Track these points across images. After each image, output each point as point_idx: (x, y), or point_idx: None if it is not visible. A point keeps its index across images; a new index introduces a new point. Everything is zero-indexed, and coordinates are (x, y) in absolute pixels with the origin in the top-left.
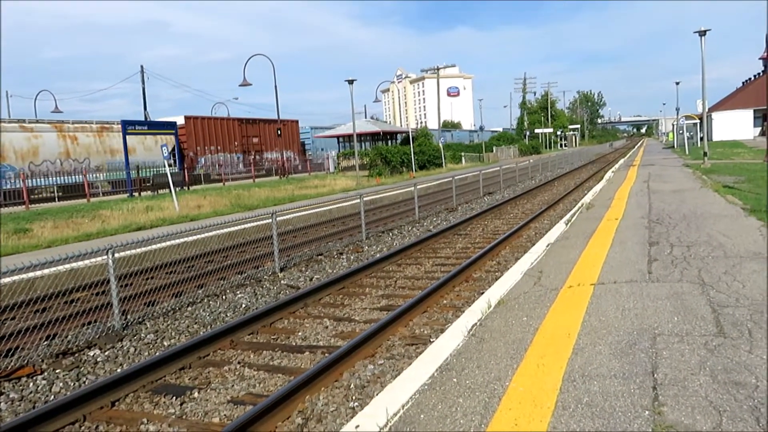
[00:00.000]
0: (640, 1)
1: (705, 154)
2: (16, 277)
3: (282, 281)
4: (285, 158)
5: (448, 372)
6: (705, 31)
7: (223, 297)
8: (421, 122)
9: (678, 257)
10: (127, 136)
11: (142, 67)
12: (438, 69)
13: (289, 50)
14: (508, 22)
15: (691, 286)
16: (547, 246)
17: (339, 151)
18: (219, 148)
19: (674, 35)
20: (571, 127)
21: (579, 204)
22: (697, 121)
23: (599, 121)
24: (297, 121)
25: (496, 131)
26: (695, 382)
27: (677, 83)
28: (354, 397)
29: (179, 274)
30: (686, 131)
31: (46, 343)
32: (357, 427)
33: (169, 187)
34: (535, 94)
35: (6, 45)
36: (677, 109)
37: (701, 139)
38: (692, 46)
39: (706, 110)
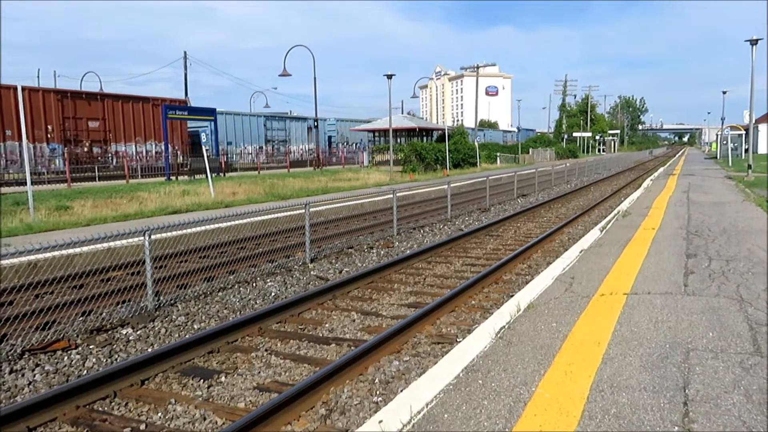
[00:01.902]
0: (688, 5)
1: (749, 166)
2: (56, 253)
3: (312, 272)
4: (145, 153)
5: (474, 373)
6: (757, 41)
7: (254, 284)
8: (458, 120)
9: (716, 271)
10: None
11: (185, 53)
12: (478, 67)
13: (327, 40)
14: (550, 23)
15: (728, 302)
16: (581, 252)
17: (373, 145)
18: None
19: (721, 42)
20: (610, 132)
21: (615, 211)
22: (743, 132)
23: (640, 127)
24: (184, 101)
25: (531, 130)
26: (728, 401)
27: (724, 92)
28: (378, 392)
29: (212, 259)
30: (730, 142)
31: (81, 318)
32: (380, 422)
33: (206, 173)
34: (575, 96)
35: (54, 24)
36: (722, 119)
37: (746, 150)
38: (739, 55)
39: (753, 121)
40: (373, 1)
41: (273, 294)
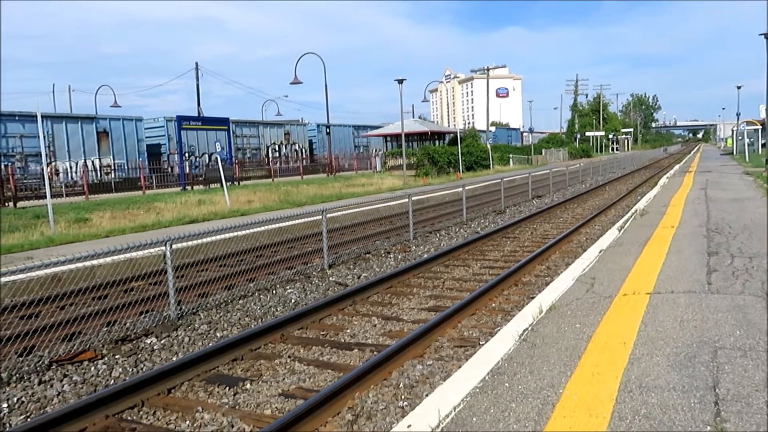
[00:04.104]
0: (698, 3)
1: (767, 161)
2: (79, 265)
3: (330, 278)
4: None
5: (500, 376)
6: None
7: (273, 291)
8: (469, 123)
9: (739, 268)
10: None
11: (197, 64)
12: (488, 69)
13: (337, 47)
14: (560, 23)
15: (754, 299)
16: (600, 252)
17: (385, 149)
18: None
19: (733, 37)
20: (623, 130)
21: (632, 210)
22: (759, 127)
23: (653, 125)
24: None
25: (542, 133)
26: (760, 399)
27: (739, 87)
28: (403, 397)
29: (230, 267)
30: (747, 137)
31: (105, 329)
32: (409, 426)
33: (221, 182)
34: (587, 96)
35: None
36: (738, 114)
37: (763, 145)
38: (753, 49)
39: None
40: (381, 8)
41: (293, 301)
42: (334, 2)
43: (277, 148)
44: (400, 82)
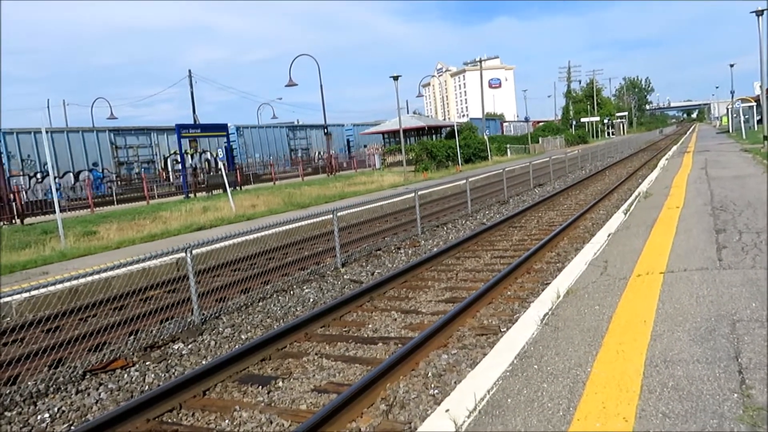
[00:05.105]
0: None
1: (765, 137)
2: (96, 277)
3: (345, 276)
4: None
5: (528, 359)
6: (763, 11)
7: (291, 292)
8: (464, 115)
9: (748, 244)
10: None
11: (189, 71)
12: (481, 61)
13: (329, 47)
14: (549, 11)
15: (765, 273)
16: (609, 236)
17: (383, 146)
18: None
19: (723, 15)
20: (618, 114)
21: (636, 193)
22: (754, 104)
23: (647, 107)
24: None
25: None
26: None
27: (731, 65)
28: (433, 385)
29: (244, 271)
30: (742, 114)
31: (132, 338)
32: (447, 411)
33: (224, 188)
34: (580, 82)
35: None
36: (732, 92)
37: (758, 122)
38: (743, 26)
39: (765, 92)
40: (371, 8)
41: (311, 300)
42: (325, 2)
43: (178, 159)
44: (396, 78)
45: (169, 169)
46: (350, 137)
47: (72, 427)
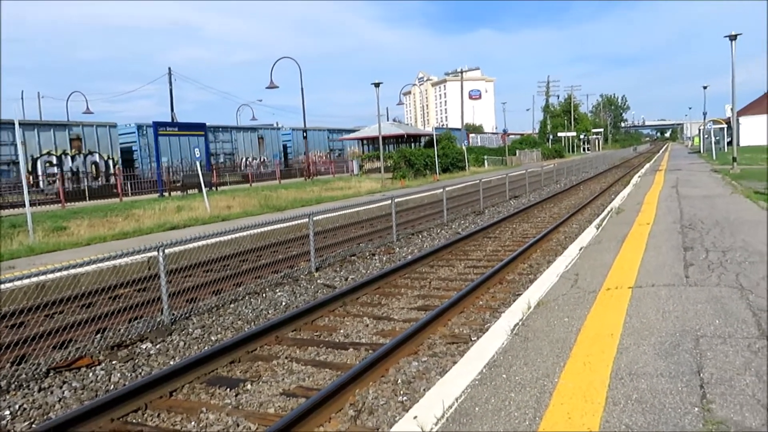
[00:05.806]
0: (666, 3)
1: (734, 159)
2: (64, 273)
3: (318, 280)
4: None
5: (497, 368)
6: (736, 36)
7: (263, 295)
8: (443, 125)
9: (714, 262)
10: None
11: (169, 69)
12: (462, 72)
13: (311, 51)
14: (530, 25)
15: (729, 291)
16: (580, 249)
17: (361, 153)
18: None
19: (700, 37)
20: (594, 130)
21: (608, 208)
22: (724, 125)
23: (623, 125)
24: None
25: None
26: (742, 382)
27: (705, 87)
28: (402, 392)
29: (216, 272)
30: (713, 136)
31: (99, 336)
32: (415, 417)
33: (200, 188)
34: (558, 97)
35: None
36: (704, 114)
37: (728, 143)
38: (719, 48)
39: (736, 115)
40: (356, 11)
41: (284, 303)
42: (307, 4)
43: (56, 161)
44: (377, 85)
45: (39, 172)
46: (287, 142)
47: (33, 426)
